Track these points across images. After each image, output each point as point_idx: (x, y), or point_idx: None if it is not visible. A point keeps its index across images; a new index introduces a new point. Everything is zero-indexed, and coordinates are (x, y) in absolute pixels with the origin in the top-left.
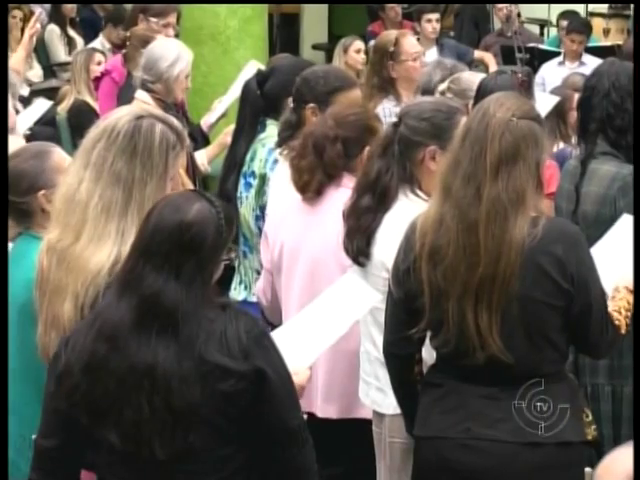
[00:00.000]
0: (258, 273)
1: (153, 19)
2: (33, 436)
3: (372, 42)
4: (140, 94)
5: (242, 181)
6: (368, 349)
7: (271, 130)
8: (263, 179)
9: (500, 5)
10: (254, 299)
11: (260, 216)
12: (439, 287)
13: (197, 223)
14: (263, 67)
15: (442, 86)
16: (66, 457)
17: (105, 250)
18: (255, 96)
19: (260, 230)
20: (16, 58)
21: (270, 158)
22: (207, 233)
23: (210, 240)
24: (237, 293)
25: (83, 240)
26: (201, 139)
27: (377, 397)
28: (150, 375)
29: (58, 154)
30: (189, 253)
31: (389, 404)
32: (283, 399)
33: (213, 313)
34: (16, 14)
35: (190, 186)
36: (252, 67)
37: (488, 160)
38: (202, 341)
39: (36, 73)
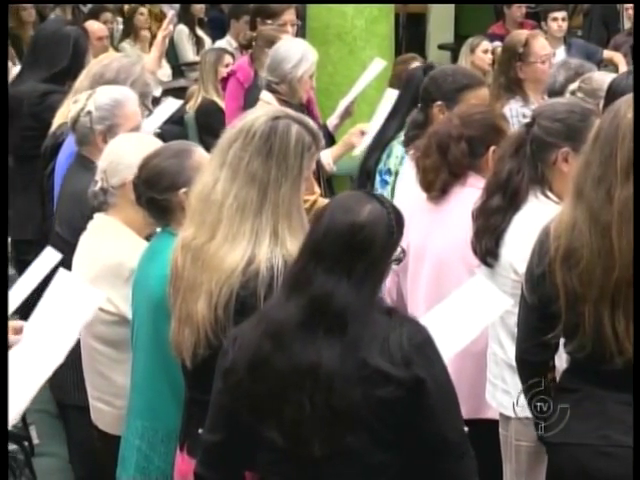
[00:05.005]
0: None
1: (268, 21)
2: (200, 430)
3: (496, 43)
4: (265, 95)
5: (378, 178)
6: (495, 351)
7: None
8: (398, 177)
9: (628, 5)
10: None
11: None
12: (575, 291)
13: (369, 224)
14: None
15: (573, 85)
16: (230, 453)
17: (239, 250)
18: (418, 84)
19: None
20: (150, 59)
21: (407, 155)
22: (378, 234)
23: (381, 241)
24: None
25: (218, 239)
26: (327, 139)
27: (504, 399)
28: (313, 374)
29: (199, 153)
30: (360, 254)
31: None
32: (442, 410)
33: (379, 317)
34: (143, 11)
35: (315, 186)
36: (377, 65)
37: (619, 162)
38: (366, 344)
39: (165, 72)
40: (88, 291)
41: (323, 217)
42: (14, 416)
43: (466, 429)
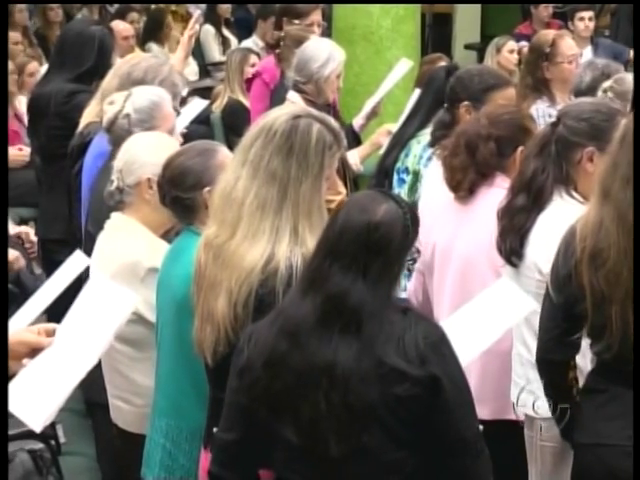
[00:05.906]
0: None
1: (296, 21)
2: (215, 429)
3: (522, 42)
4: (291, 95)
5: (395, 177)
6: (520, 351)
7: (430, 128)
8: (416, 175)
9: None
10: None
11: None
12: (601, 292)
13: (385, 224)
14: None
15: (605, 84)
16: (245, 452)
17: (259, 248)
18: (440, 84)
19: None
20: (176, 59)
21: (425, 155)
22: (394, 234)
23: (397, 241)
24: None
25: (238, 237)
26: (352, 139)
27: (528, 400)
28: (329, 373)
29: (223, 153)
30: (376, 254)
31: (541, 407)
32: (457, 408)
33: (395, 316)
34: (169, 22)
35: (340, 186)
36: (403, 65)
37: None
38: (381, 342)
39: (192, 70)
40: (122, 293)
41: (339, 216)
42: (46, 418)
43: (481, 427)
